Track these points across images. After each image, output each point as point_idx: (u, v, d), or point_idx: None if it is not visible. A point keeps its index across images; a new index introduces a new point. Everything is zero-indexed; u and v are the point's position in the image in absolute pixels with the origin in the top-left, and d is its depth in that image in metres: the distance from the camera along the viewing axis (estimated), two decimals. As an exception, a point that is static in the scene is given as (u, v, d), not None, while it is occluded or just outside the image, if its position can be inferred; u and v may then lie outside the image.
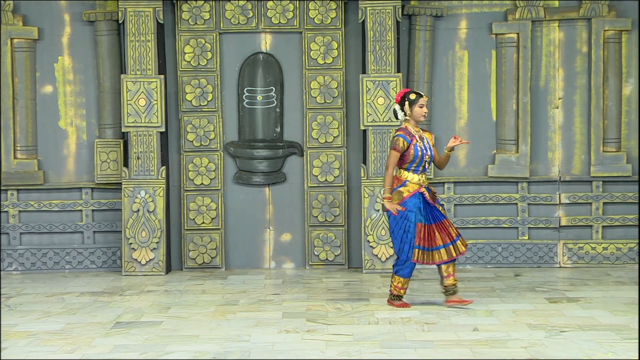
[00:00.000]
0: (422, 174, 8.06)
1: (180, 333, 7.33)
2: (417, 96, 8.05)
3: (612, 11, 10.04)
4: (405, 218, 7.99)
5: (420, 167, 8.04)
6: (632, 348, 6.69)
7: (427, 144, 8.06)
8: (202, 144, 10.27)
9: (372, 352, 6.69)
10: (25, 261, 10.24)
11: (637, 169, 10.15)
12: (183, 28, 10.23)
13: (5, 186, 10.20)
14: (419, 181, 8.04)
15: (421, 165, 8.04)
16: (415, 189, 8.01)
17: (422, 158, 8.01)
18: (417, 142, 8.01)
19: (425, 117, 8.07)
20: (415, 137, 8.03)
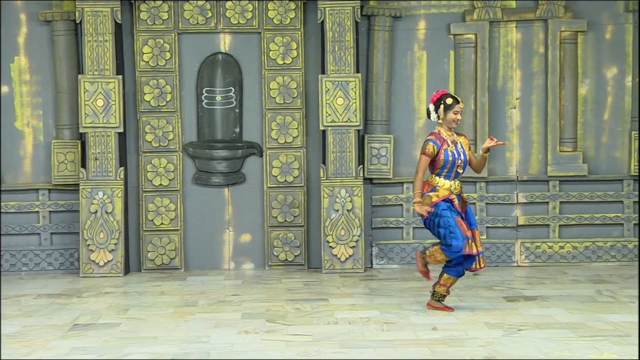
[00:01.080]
0: (454, 180, 7.85)
1: (138, 335, 7.29)
2: (454, 102, 7.80)
3: (568, 12, 10.14)
4: (441, 216, 7.76)
5: (451, 173, 7.83)
6: (588, 346, 6.76)
7: (460, 149, 7.84)
8: (160, 144, 10.23)
9: (332, 352, 6.70)
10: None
11: (592, 169, 10.25)
12: (141, 28, 10.18)
13: (-40, 188, 10.10)
14: (450, 187, 7.83)
15: (452, 171, 7.83)
16: (445, 195, 7.81)
17: (453, 163, 7.80)
18: (447, 147, 7.81)
19: (457, 123, 7.84)
20: (447, 141, 7.82)
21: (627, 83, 10.20)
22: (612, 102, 10.25)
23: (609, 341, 6.88)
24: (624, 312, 7.84)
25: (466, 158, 7.88)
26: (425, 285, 9.16)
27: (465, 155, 7.88)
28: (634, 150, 10.16)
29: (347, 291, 8.98)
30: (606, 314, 7.79)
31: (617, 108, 10.24)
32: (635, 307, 8.09)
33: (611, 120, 10.25)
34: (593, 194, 10.23)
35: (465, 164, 7.88)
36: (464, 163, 7.87)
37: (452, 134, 7.90)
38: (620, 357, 6.46)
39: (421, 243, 10.20)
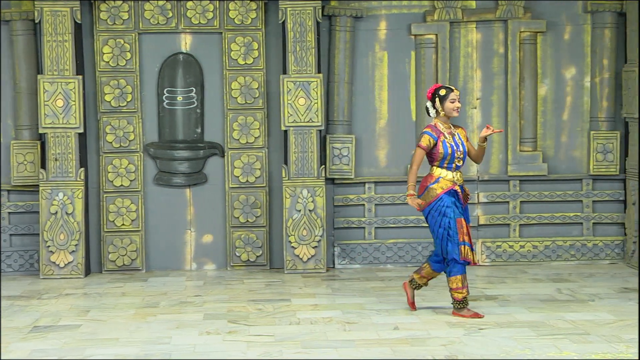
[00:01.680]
0: (456, 172, 7.79)
1: (99, 336, 7.25)
2: (447, 91, 7.75)
3: (528, 13, 10.22)
4: (443, 214, 7.70)
5: (452, 165, 7.77)
6: (548, 344, 6.82)
7: (459, 140, 7.79)
8: (121, 145, 10.17)
9: (294, 352, 6.71)
10: (-61, 265, 10.02)
11: (552, 168, 10.34)
12: (101, 28, 10.11)
13: None
14: (453, 178, 7.77)
15: (453, 163, 7.77)
16: (449, 186, 7.74)
17: (452, 155, 7.75)
18: (445, 138, 7.75)
19: (458, 111, 7.77)
20: (444, 133, 7.75)
21: (586, 83, 10.30)
22: (571, 102, 10.34)
23: (568, 339, 6.94)
24: (584, 311, 7.92)
25: (465, 149, 7.82)
26: (388, 286, 9.20)
27: (464, 147, 7.82)
28: (593, 150, 10.26)
29: (309, 291, 8.99)
30: (566, 312, 7.87)
31: (576, 108, 10.34)
32: (594, 305, 8.18)
33: (570, 120, 10.35)
34: (553, 193, 10.31)
35: (464, 155, 7.82)
36: (464, 154, 7.81)
37: (449, 126, 7.84)
38: (580, 355, 6.52)
39: (383, 243, 10.24)
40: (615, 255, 10.30)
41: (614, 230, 10.31)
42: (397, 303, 8.34)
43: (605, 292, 8.70)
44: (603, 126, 10.27)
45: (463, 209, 7.82)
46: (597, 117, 10.28)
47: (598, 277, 9.52)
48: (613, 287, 8.95)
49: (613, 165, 10.27)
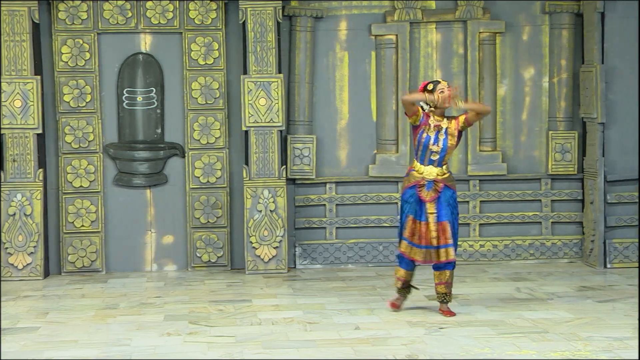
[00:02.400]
0: (430, 166, 7.76)
1: (58, 339, 7.20)
2: (435, 84, 7.74)
3: (487, 14, 10.28)
4: (401, 209, 7.87)
5: (424, 158, 7.76)
6: (508, 343, 6.87)
7: (441, 136, 7.70)
8: (80, 145, 10.10)
9: (255, 352, 6.71)
10: None
11: (511, 168, 10.41)
12: (60, 28, 10.04)
13: None
14: (423, 173, 7.75)
15: (425, 156, 7.76)
16: (414, 182, 7.77)
17: (424, 148, 7.74)
18: (426, 128, 7.73)
19: (450, 100, 7.68)
20: (430, 125, 7.73)
21: (544, 83, 10.39)
22: (529, 103, 10.42)
23: (527, 338, 7.00)
24: (542, 310, 7.99)
25: (445, 147, 7.73)
26: (349, 286, 9.22)
27: (444, 143, 7.74)
28: (551, 150, 10.34)
29: (271, 292, 8.98)
30: (525, 311, 7.93)
31: (534, 108, 10.42)
32: (552, 304, 8.25)
33: (529, 120, 10.43)
34: (512, 192, 10.39)
35: (442, 153, 7.73)
36: (441, 152, 7.74)
37: (441, 120, 7.78)
38: (539, 353, 6.58)
39: (344, 243, 10.25)
40: (573, 254, 10.39)
41: (572, 229, 10.41)
42: (359, 303, 8.36)
43: (563, 291, 8.78)
44: (561, 126, 10.37)
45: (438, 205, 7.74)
46: (555, 117, 10.37)
47: (557, 275, 9.61)
48: (571, 286, 9.04)
49: (571, 165, 10.36)
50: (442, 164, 7.81)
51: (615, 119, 10.05)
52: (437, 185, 7.77)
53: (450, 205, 7.80)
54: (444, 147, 7.77)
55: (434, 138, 7.76)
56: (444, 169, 7.82)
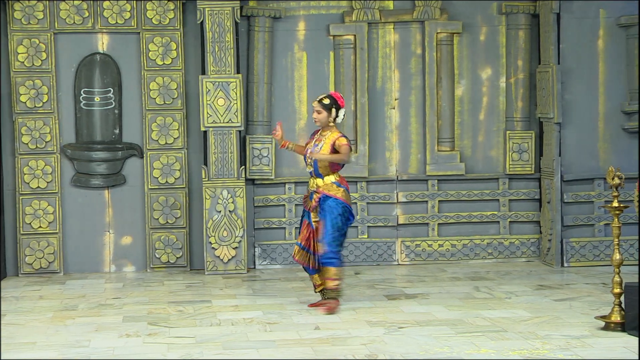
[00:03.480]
0: (312, 179, 8.17)
1: (16, 341, 7.14)
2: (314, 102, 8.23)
3: (444, 14, 10.34)
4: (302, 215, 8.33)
5: (307, 170, 8.24)
6: (466, 341, 6.91)
7: (317, 149, 8.07)
8: (37, 146, 10.01)
9: (215, 353, 6.70)
10: None
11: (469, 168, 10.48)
12: (15, 28, 9.94)
13: None
14: (309, 185, 8.22)
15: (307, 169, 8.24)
16: (305, 195, 8.29)
17: (305, 161, 8.21)
18: (310, 145, 8.17)
19: (316, 122, 8.15)
20: (313, 140, 8.19)
21: (501, 84, 10.47)
22: (487, 102, 10.50)
23: (486, 337, 7.05)
24: (501, 308, 8.05)
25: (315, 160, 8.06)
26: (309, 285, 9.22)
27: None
28: (509, 150, 10.43)
29: (230, 292, 8.97)
30: (483, 310, 7.99)
31: (492, 108, 10.50)
32: (511, 303, 8.32)
33: (487, 120, 10.50)
34: (470, 192, 10.46)
35: (315, 164, 8.09)
36: (314, 163, 8.08)
37: (325, 135, 8.15)
38: (497, 351, 6.63)
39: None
40: (531, 253, 10.49)
41: (529, 228, 10.50)
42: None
43: (521, 290, 8.86)
44: (518, 126, 10.46)
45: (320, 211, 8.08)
46: (512, 117, 10.46)
47: (515, 275, 9.69)
48: (529, 285, 9.11)
49: (528, 165, 10.45)
50: (322, 175, 8.10)
51: (572, 119, 10.15)
52: (315, 197, 8.12)
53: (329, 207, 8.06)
54: (315, 160, 8.08)
55: (310, 151, 8.15)
56: (326, 180, 8.11)
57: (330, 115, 8.09)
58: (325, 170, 8.08)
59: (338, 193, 8.07)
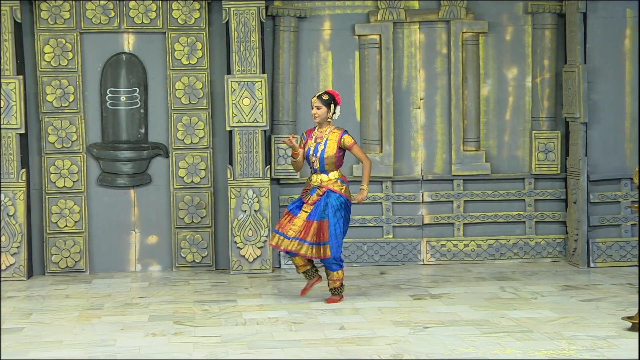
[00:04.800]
0: (315, 174, 8.28)
1: (42, 339, 7.18)
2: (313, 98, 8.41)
3: (470, 14, 10.31)
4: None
5: (311, 168, 8.34)
6: (492, 342, 6.89)
7: (321, 147, 8.25)
8: (64, 145, 10.07)
9: (240, 353, 6.70)
10: None
11: (495, 168, 10.44)
12: (42, 27, 10.00)
13: None
14: (310, 180, 8.33)
15: (310, 166, 8.34)
16: (307, 187, 8.36)
17: (307, 158, 8.32)
18: (310, 143, 8.31)
19: (315, 118, 8.32)
20: (312, 137, 8.33)
21: (527, 83, 10.42)
22: (513, 102, 10.46)
23: (512, 337, 7.03)
24: (527, 309, 8.02)
25: (322, 156, 8.23)
26: (333, 285, 9.21)
27: (322, 153, 8.23)
28: (535, 150, 10.38)
29: (255, 292, 8.98)
30: (509, 310, 7.96)
31: (518, 108, 10.46)
32: (537, 303, 8.28)
33: (513, 120, 10.46)
34: (496, 192, 10.42)
35: (321, 161, 8.25)
36: (320, 161, 8.24)
37: (324, 131, 8.34)
38: (523, 352, 6.60)
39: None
40: (557, 253, 10.44)
41: (555, 228, 10.45)
42: (343, 303, 8.37)
43: (547, 290, 8.81)
44: (544, 126, 10.41)
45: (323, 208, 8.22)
46: (538, 117, 10.41)
47: (540, 275, 9.65)
48: (555, 285, 9.07)
49: (554, 165, 10.40)
50: (328, 171, 8.28)
51: (598, 118, 10.09)
52: (319, 192, 8.27)
53: (333, 207, 8.24)
54: (321, 157, 8.26)
55: (315, 149, 8.29)
56: (331, 175, 8.29)
57: (329, 111, 8.30)
58: (331, 166, 8.30)
59: (342, 190, 8.30)
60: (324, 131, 8.34)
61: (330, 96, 8.32)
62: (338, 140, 8.29)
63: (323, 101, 8.30)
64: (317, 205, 8.22)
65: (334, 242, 8.22)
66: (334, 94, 8.37)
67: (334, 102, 8.33)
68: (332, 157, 8.27)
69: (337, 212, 8.25)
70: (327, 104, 8.30)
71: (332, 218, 8.22)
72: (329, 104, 8.30)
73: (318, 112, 8.29)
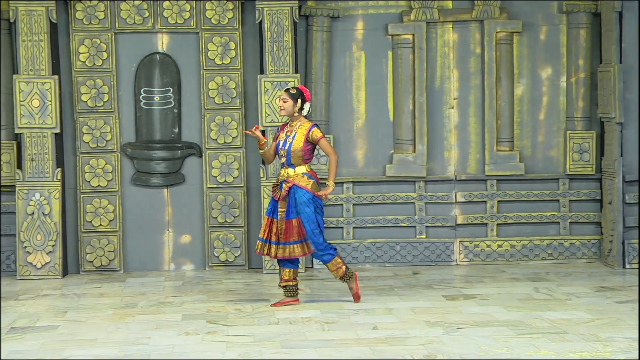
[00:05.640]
0: (284, 168, 8.24)
1: (77, 337, 7.22)
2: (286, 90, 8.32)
3: (504, 13, 10.26)
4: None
5: (281, 161, 8.28)
6: (526, 343, 6.85)
7: (289, 140, 8.20)
8: (98, 145, 10.13)
9: (273, 352, 6.71)
10: None
11: (529, 168, 10.39)
12: (77, 28, 10.07)
13: None
14: (280, 175, 8.28)
15: (280, 159, 8.30)
16: (274, 183, 8.32)
17: (277, 152, 8.30)
18: (282, 136, 8.27)
19: (280, 111, 8.23)
20: (284, 131, 8.30)
21: (562, 83, 10.36)
22: (547, 102, 10.39)
23: (546, 338, 6.98)
24: (561, 310, 7.97)
25: (290, 148, 8.14)
26: (367, 285, 9.21)
27: (289, 146, 8.15)
28: (569, 150, 10.32)
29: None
30: (544, 311, 7.91)
31: (552, 108, 10.39)
32: (571, 304, 8.22)
33: (547, 120, 10.40)
34: (530, 192, 10.36)
35: (288, 155, 8.17)
36: (287, 154, 8.17)
37: (294, 125, 8.25)
38: (558, 353, 6.56)
39: (361, 243, 10.25)
40: (592, 254, 10.36)
41: (590, 229, 10.38)
42: (376, 303, 8.36)
43: (582, 291, 8.75)
44: (579, 126, 10.34)
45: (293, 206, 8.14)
46: (573, 117, 10.35)
47: (575, 276, 9.58)
48: (590, 286, 9.01)
49: (589, 165, 10.33)
50: (294, 165, 8.20)
51: (633, 118, 10.01)
52: (286, 186, 8.18)
53: (301, 204, 8.13)
54: (288, 149, 8.18)
55: (282, 142, 8.24)
56: (297, 170, 8.20)
57: (295, 105, 8.22)
58: (298, 160, 8.21)
59: (308, 185, 8.18)
60: (294, 125, 8.27)
61: (298, 90, 8.26)
62: (306, 133, 8.20)
63: (290, 95, 8.21)
64: (289, 204, 8.16)
65: (311, 235, 8.13)
66: (303, 89, 8.30)
67: (302, 97, 8.23)
68: (299, 150, 8.16)
69: (307, 207, 8.13)
70: (294, 98, 8.19)
71: (303, 214, 8.13)
72: (296, 98, 8.20)
73: (284, 105, 8.21)
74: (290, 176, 8.20)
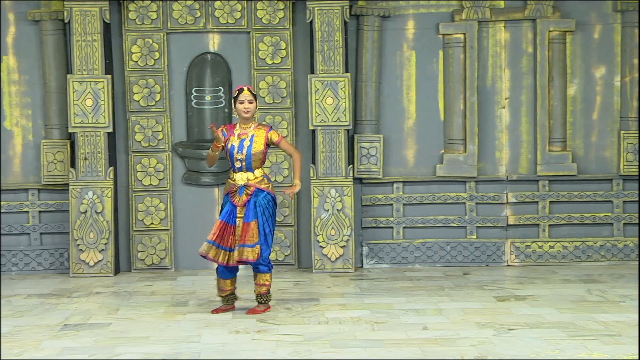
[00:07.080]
0: (241, 173, 7.90)
1: (129, 334, 7.29)
2: (238, 92, 7.91)
3: (557, 12, 10.17)
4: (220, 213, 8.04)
5: (234, 166, 7.91)
6: (579, 345, 6.78)
7: (247, 143, 7.88)
8: (150, 144, 10.21)
9: (323, 351, 6.71)
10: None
11: (582, 168, 10.29)
12: (130, 28, 10.16)
13: (-51, 188, 10.06)
14: (235, 179, 7.93)
15: (234, 164, 7.90)
16: (228, 188, 7.97)
17: (232, 156, 7.90)
18: (234, 139, 7.90)
19: (247, 112, 7.87)
20: (235, 134, 7.92)
21: (616, 83, 10.24)
22: (601, 102, 10.28)
23: (599, 340, 6.90)
24: (614, 312, 7.87)
25: (250, 152, 7.84)
26: (417, 286, 9.18)
27: (249, 150, 7.84)
28: (623, 150, 10.20)
29: (338, 291, 8.98)
30: (596, 313, 7.82)
31: (606, 108, 10.28)
32: (625, 306, 8.12)
33: (600, 120, 10.29)
34: (583, 193, 10.26)
35: (248, 158, 7.85)
36: (247, 157, 7.85)
37: (248, 127, 7.95)
38: (611, 356, 6.48)
39: (411, 243, 10.23)
40: (645, 255, 10.25)
41: (644, 230, 10.27)
42: (426, 303, 8.33)
43: (636, 293, 8.63)
44: (633, 126, 10.21)
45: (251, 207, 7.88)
46: (627, 117, 10.22)
47: (629, 277, 9.46)
48: (643, 288, 8.89)
49: (643, 166, 10.22)
50: (254, 168, 7.93)
51: (689, 118, 9.87)
52: (248, 191, 7.90)
53: (261, 206, 7.91)
54: (248, 154, 7.90)
55: (238, 146, 7.89)
56: (256, 173, 7.94)
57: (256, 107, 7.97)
58: (257, 163, 7.96)
59: (269, 187, 8.00)
60: (247, 127, 7.95)
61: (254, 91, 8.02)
62: (265, 136, 7.91)
63: (254, 95, 7.92)
64: (248, 207, 7.89)
65: (263, 242, 7.91)
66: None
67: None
68: (259, 153, 7.90)
69: (265, 210, 7.92)
70: (256, 99, 7.94)
71: (261, 217, 7.89)
72: (256, 98, 7.96)
73: (250, 106, 7.89)
74: (251, 180, 7.91)
